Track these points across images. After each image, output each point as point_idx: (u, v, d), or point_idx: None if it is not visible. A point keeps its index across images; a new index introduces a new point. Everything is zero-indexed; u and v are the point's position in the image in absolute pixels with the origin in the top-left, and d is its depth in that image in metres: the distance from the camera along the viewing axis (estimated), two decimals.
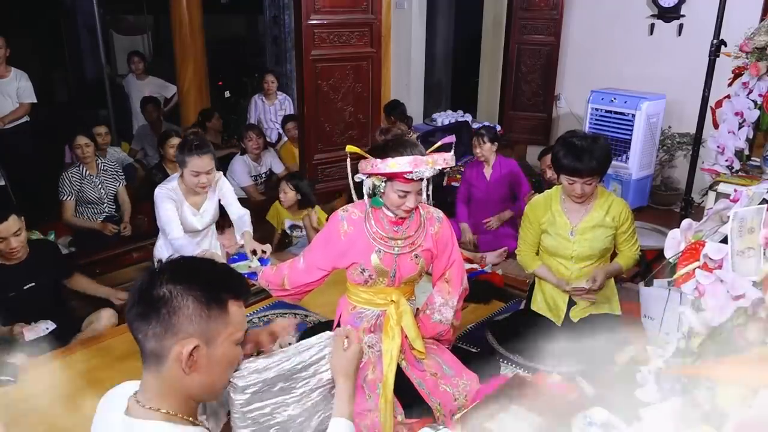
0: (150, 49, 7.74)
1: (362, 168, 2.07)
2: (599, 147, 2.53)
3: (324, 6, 4.18)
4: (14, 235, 2.72)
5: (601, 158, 2.51)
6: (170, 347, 1.06)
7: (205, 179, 2.86)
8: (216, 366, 1.12)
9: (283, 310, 3.12)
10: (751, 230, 1.23)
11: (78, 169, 3.98)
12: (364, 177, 2.08)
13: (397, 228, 2.17)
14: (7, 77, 4.36)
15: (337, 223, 2.18)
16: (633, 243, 2.71)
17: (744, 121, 3.13)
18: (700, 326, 1.28)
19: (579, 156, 2.48)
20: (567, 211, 2.67)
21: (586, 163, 2.47)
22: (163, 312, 1.05)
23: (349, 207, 2.22)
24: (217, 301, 1.09)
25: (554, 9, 5.67)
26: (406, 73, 6.49)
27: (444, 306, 2.30)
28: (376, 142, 2.11)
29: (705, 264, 1.28)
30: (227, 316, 1.11)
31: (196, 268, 1.13)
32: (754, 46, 3.05)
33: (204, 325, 1.08)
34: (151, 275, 1.09)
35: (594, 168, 2.49)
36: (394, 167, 1.95)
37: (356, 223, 2.16)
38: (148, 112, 5.55)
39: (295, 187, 3.91)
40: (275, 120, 5.77)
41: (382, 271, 2.17)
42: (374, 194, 2.07)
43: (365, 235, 2.15)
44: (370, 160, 2.02)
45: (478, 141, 4.17)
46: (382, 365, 2.17)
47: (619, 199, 2.71)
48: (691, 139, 4.40)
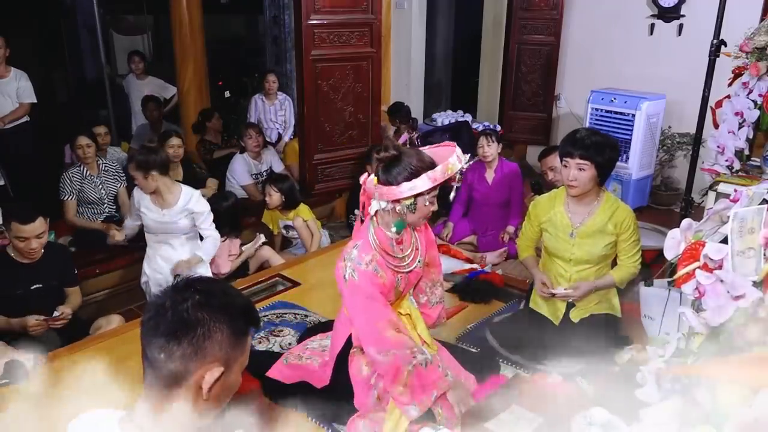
0: (150, 49, 7.74)
1: (389, 195, 1.98)
2: (598, 135, 2.51)
3: (324, 6, 4.18)
4: (37, 237, 2.73)
5: (598, 145, 2.46)
6: (194, 371, 1.05)
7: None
8: (227, 391, 1.13)
9: (283, 310, 3.11)
10: (751, 230, 1.24)
11: (78, 169, 3.98)
12: (388, 203, 2.01)
13: (401, 246, 2.16)
14: (7, 77, 4.36)
15: (374, 276, 2.04)
16: (632, 254, 2.61)
17: (744, 121, 3.13)
18: (700, 326, 1.28)
19: (574, 138, 2.50)
20: (570, 212, 2.65)
21: (578, 144, 2.46)
22: (198, 334, 1.04)
23: (362, 255, 2.05)
24: (242, 331, 1.11)
25: (554, 9, 5.67)
26: (406, 73, 6.50)
27: (434, 287, 2.36)
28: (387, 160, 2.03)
29: (705, 264, 1.28)
30: (245, 345, 1.13)
31: (230, 296, 1.14)
32: (754, 46, 3.05)
33: (230, 352, 1.09)
34: (180, 293, 1.08)
35: (587, 149, 2.44)
36: (452, 169, 1.95)
37: (382, 265, 2.08)
38: (149, 110, 5.54)
39: (279, 190, 3.92)
40: (275, 120, 5.77)
41: (400, 293, 2.17)
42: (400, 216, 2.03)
43: (390, 271, 2.10)
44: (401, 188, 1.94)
45: (486, 140, 4.15)
46: None
47: (624, 207, 2.65)
48: (691, 139, 4.40)
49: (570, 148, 2.49)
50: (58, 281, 2.94)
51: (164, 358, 1.05)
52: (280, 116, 5.75)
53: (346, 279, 2.03)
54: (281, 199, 3.93)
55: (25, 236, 2.70)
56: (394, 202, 2.00)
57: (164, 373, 1.06)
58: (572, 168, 2.49)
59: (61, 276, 2.95)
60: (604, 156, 2.47)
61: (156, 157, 3.18)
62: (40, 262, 2.83)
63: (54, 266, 2.90)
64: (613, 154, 2.52)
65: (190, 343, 1.04)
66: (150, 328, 1.07)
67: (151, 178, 3.16)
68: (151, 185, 3.19)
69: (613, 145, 2.55)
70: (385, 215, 2.07)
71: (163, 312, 1.06)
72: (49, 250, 2.89)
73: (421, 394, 2.01)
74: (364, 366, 2.17)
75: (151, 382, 1.08)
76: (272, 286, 3.49)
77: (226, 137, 5.55)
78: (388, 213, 2.04)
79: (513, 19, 5.86)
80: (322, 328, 2.69)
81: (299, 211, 4.02)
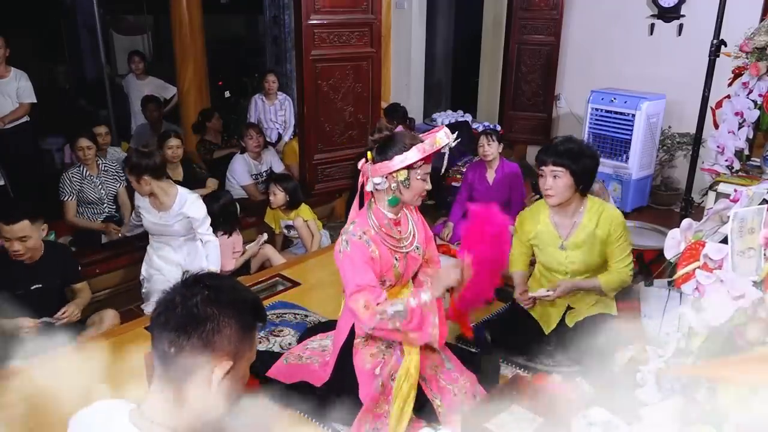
0: (150, 49, 7.74)
1: (381, 170, 2.05)
2: (574, 143, 2.45)
3: (324, 6, 4.18)
4: (20, 240, 2.69)
5: (572, 152, 2.39)
6: (204, 364, 1.07)
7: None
8: (235, 385, 1.15)
9: (283, 310, 3.11)
10: (751, 230, 1.24)
11: (78, 169, 3.98)
12: (383, 179, 2.07)
13: (399, 228, 2.18)
14: (7, 77, 4.36)
15: (364, 247, 2.08)
16: (622, 259, 2.51)
17: (744, 121, 3.14)
18: (700, 326, 1.28)
19: (548, 146, 2.47)
20: (555, 224, 2.58)
21: (551, 151, 2.42)
22: (208, 329, 1.07)
23: (357, 229, 2.11)
24: (250, 326, 1.14)
25: (554, 9, 5.67)
26: (406, 73, 6.49)
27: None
28: (381, 140, 2.10)
29: (705, 264, 1.28)
30: (253, 340, 1.16)
31: (238, 291, 1.16)
32: (754, 46, 3.06)
33: (238, 346, 1.11)
34: (190, 289, 1.10)
35: (560, 155, 2.39)
36: (439, 142, 2.00)
37: (377, 241, 2.11)
38: (149, 111, 5.54)
39: (284, 189, 3.92)
40: (275, 120, 5.76)
41: (399, 275, 2.18)
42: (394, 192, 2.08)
43: (386, 248, 2.13)
44: (393, 161, 2.01)
45: (487, 139, 4.14)
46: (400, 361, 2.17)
47: (611, 209, 2.55)
48: (691, 139, 4.40)
49: (543, 156, 2.45)
50: (61, 280, 2.94)
51: (174, 353, 1.07)
52: (280, 116, 5.74)
53: (341, 252, 2.08)
54: (285, 198, 3.94)
55: (7, 236, 2.68)
56: (389, 178, 2.06)
57: (174, 367, 1.08)
58: (547, 176, 2.45)
59: (64, 275, 2.94)
60: (578, 164, 2.41)
61: (148, 161, 3.15)
62: (39, 262, 2.82)
63: (55, 266, 2.89)
64: (589, 162, 2.45)
65: (199, 338, 1.06)
66: (160, 323, 1.09)
67: (144, 182, 3.15)
68: (145, 189, 3.19)
69: (590, 154, 2.48)
70: (381, 195, 2.12)
71: (172, 307, 1.08)
72: (49, 250, 2.88)
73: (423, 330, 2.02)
74: (368, 357, 2.18)
75: (161, 376, 1.10)
76: (272, 286, 3.49)
77: (226, 137, 5.55)
78: (385, 192, 2.10)
79: (513, 19, 5.85)
80: (322, 328, 2.69)
81: (300, 211, 4.02)
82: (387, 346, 2.22)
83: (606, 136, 5.10)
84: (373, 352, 2.19)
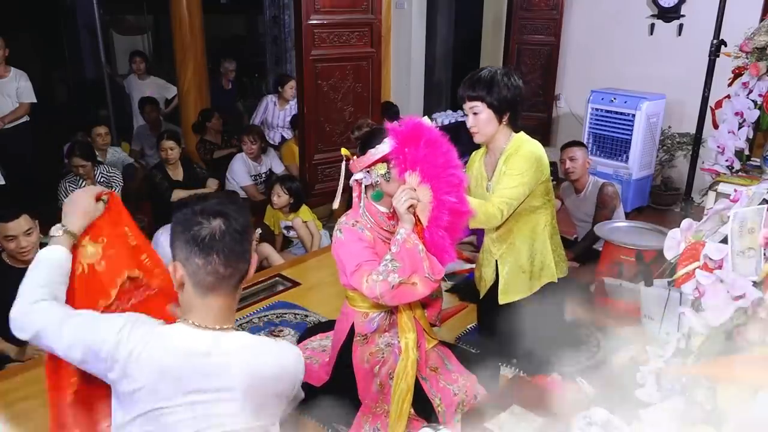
0: (150, 49, 7.74)
1: (360, 165, 2.05)
2: (489, 71, 2.25)
3: (324, 6, 4.18)
4: (25, 234, 2.68)
5: (485, 81, 2.20)
6: (246, 268, 1.36)
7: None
8: None
9: (283, 310, 3.11)
10: (751, 230, 1.23)
11: (75, 178, 4.00)
12: (365, 173, 2.07)
13: (393, 222, 2.17)
14: (7, 77, 4.37)
15: (359, 233, 2.09)
16: (501, 192, 2.26)
17: (744, 121, 3.13)
18: (700, 326, 1.27)
19: (465, 79, 2.29)
20: (485, 164, 2.43)
21: (466, 84, 2.25)
22: (248, 240, 1.35)
23: (349, 219, 2.12)
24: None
25: (554, 9, 5.67)
26: (406, 73, 6.49)
27: None
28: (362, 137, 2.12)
29: (705, 264, 1.28)
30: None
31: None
32: (754, 46, 3.05)
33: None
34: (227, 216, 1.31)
35: (473, 88, 2.23)
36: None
37: (366, 226, 2.13)
38: (147, 112, 5.55)
39: (289, 190, 3.92)
40: (282, 125, 5.76)
41: None
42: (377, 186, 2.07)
43: (381, 241, 2.13)
44: (368, 155, 2.01)
45: None
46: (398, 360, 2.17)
47: (530, 144, 2.31)
48: (691, 139, 4.40)
49: (461, 92, 2.30)
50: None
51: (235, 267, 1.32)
52: (287, 121, 5.75)
53: (336, 241, 2.10)
54: (289, 200, 3.94)
55: (12, 234, 2.66)
56: (368, 172, 2.05)
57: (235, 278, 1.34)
58: (469, 114, 2.29)
59: None
60: (493, 95, 2.22)
61: None
62: None
63: None
64: (506, 93, 2.24)
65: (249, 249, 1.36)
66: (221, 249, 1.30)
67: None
68: None
69: (506, 83, 2.23)
70: (370, 191, 2.11)
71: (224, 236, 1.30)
72: None
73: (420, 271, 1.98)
74: (367, 355, 2.18)
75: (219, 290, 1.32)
76: (272, 286, 3.49)
77: (226, 137, 5.56)
78: (370, 187, 2.09)
79: (513, 19, 5.86)
80: (322, 328, 2.69)
81: (299, 211, 4.02)
82: (386, 344, 2.21)
83: (606, 136, 5.10)
84: (372, 350, 2.19)
